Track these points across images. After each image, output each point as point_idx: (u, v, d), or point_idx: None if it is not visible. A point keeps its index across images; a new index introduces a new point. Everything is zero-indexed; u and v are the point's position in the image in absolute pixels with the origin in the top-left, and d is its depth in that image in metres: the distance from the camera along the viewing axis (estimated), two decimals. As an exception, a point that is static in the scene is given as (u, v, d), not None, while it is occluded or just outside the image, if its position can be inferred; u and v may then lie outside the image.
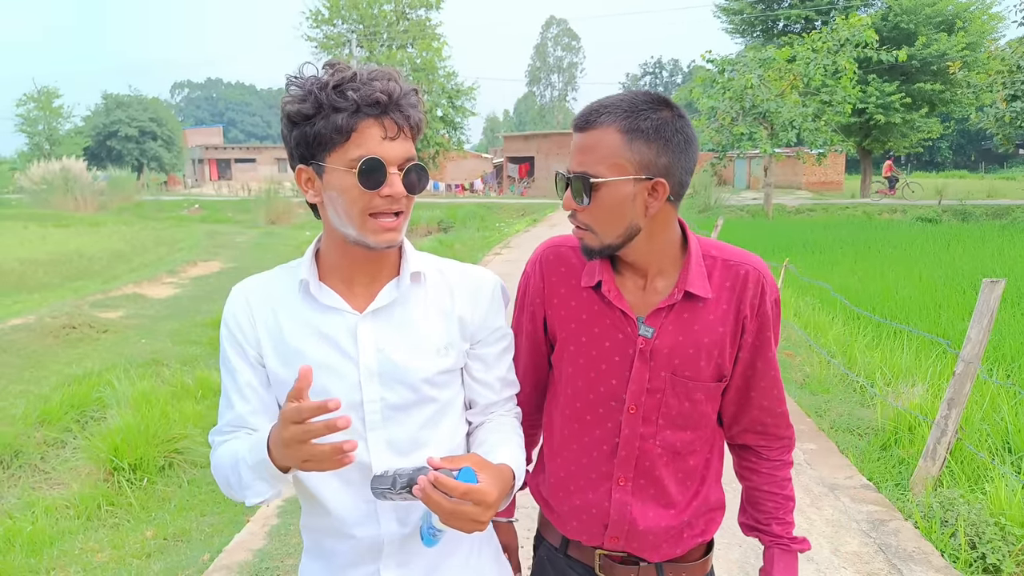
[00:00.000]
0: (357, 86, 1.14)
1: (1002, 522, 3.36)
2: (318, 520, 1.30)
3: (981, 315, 3.73)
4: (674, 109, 1.25)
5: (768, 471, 1.46)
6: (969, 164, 67.04)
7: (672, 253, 1.34)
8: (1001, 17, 27.73)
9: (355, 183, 1.15)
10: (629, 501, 1.37)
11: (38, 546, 3.69)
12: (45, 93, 51.54)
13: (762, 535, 1.47)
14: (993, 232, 15.12)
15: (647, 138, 1.21)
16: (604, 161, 1.22)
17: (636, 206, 1.24)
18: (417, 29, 38.76)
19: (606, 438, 1.37)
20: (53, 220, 23.43)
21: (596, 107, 1.25)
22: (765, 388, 1.40)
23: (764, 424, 1.44)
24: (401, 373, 1.25)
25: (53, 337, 7.80)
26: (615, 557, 1.42)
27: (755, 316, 1.34)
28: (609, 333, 1.34)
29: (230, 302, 1.30)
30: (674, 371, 1.32)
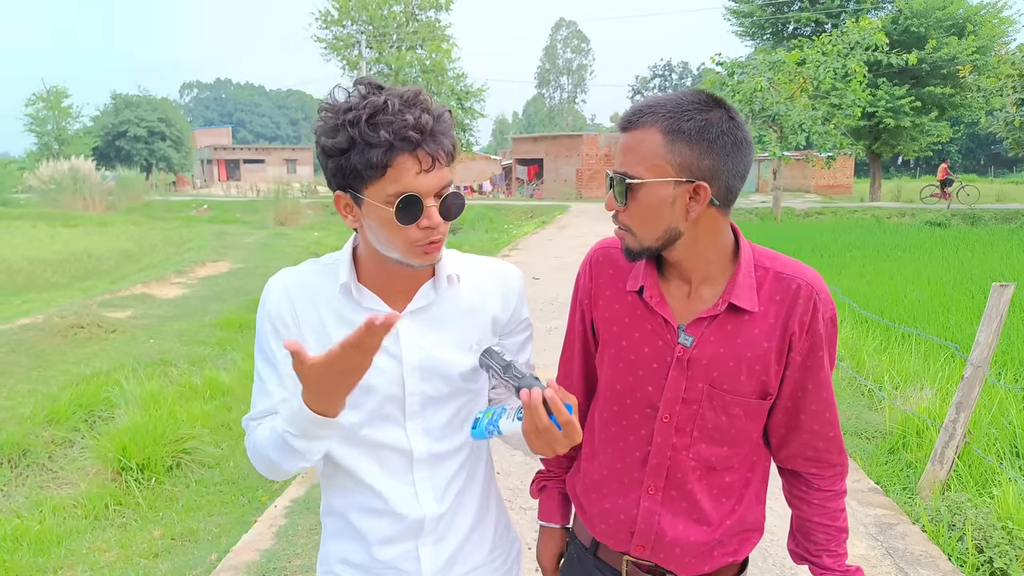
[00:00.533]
0: (390, 119, 1.13)
1: (1009, 526, 3.35)
2: (356, 499, 1.35)
3: (990, 319, 3.71)
4: (724, 109, 1.21)
5: (820, 502, 1.39)
6: (978, 168, 66.71)
7: (721, 261, 1.29)
8: (1012, 21, 27.58)
9: (392, 219, 1.17)
10: (658, 511, 1.35)
11: (46, 545, 3.71)
12: (54, 93, 51.84)
13: (812, 566, 1.41)
14: (1002, 236, 15.05)
15: (689, 139, 1.17)
16: (644, 162, 1.20)
17: (676, 209, 1.21)
18: (426, 30, 38.85)
19: (639, 445, 1.36)
20: (62, 220, 23.57)
21: (641, 106, 1.23)
22: (816, 411, 1.34)
23: (815, 449, 1.37)
24: (440, 368, 1.31)
25: (61, 336, 7.84)
26: (642, 566, 1.40)
27: (805, 334, 1.28)
28: (649, 339, 1.32)
29: (272, 295, 1.32)
30: (712, 383, 1.29)
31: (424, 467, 1.34)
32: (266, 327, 1.31)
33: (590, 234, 17.41)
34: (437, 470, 1.35)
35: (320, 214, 29.17)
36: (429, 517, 1.33)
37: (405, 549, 1.35)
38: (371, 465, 1.32)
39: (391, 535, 1.34)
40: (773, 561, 3.23)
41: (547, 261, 13.08)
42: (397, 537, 1.34)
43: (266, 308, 1.32)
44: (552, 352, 5.45)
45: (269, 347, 1.32)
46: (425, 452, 1.33)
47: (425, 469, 1.34)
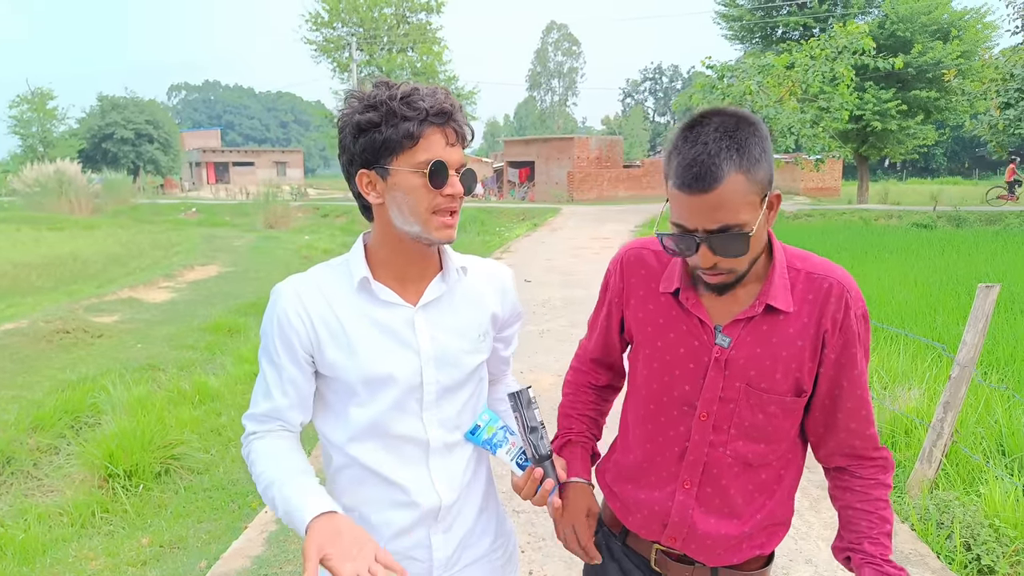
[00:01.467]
0: (423, 97, 1.28)
1: (996, 524, 3.38)
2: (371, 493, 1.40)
3: (976, 319, 3.74)
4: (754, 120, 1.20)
5: (861, 488, 1.39)
6: (963, 171, 67.28)
7: (758, 262, 1.31)
8: (995, 26, 27.85)
9: (422, 183, 1.29)
10: (692, 505, 1.39)
11: (31, 554, 3.66)
12: (39, 94, 51.40)
13: (854, 554, 1.38)
14: (986, 238, 15.18)
15: (758, 162, 1.18)
16: (744, 209, 1.17)
17: (765, 229, 1.25)
18: (418, 33, 38.78)
19: (676, 441, 1.39)
20: (47, 223, 23.35)
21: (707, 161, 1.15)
22: (852, 409, 1.35)
23: (853, 447, 1.39)
24: (452, 357, 1.41)
25: (47, 341, 7.76)
26: (672, 555, 1.44)
27: (838, 331, 1.30)
28: (685, 339, 1.35)
29: (281, 300, 1.37)
30: (749, 382, 1.31)
31: (439, 456, 1.42)
32: (273, 331, 1.37)
33: (582, 237, 17.43)
34: (450, 459, 1.43)
35: (310, 217, 29.05)
36: (444, 505, 1.41)
37: (419, 538, 1.42)
38: (388, 457, 1.38)
39: (407, 525, 1.40)
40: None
41: (539, 263, 13.09)
42: (412, 527, 1.41)
43: (275, 313, 1.37)
44: (545, 354, 5.52)
45: (275, 349, 1.37)
46: (440, 442, 1.41)
47: (440, 458, 1.42)
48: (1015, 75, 19.50)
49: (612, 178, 36.23)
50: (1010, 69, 19.71)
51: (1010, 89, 19.80)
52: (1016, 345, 6.20)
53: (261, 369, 1.40)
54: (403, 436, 1.38)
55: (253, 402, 1.41)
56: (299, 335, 1.35)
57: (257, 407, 1.40)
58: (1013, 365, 5.78)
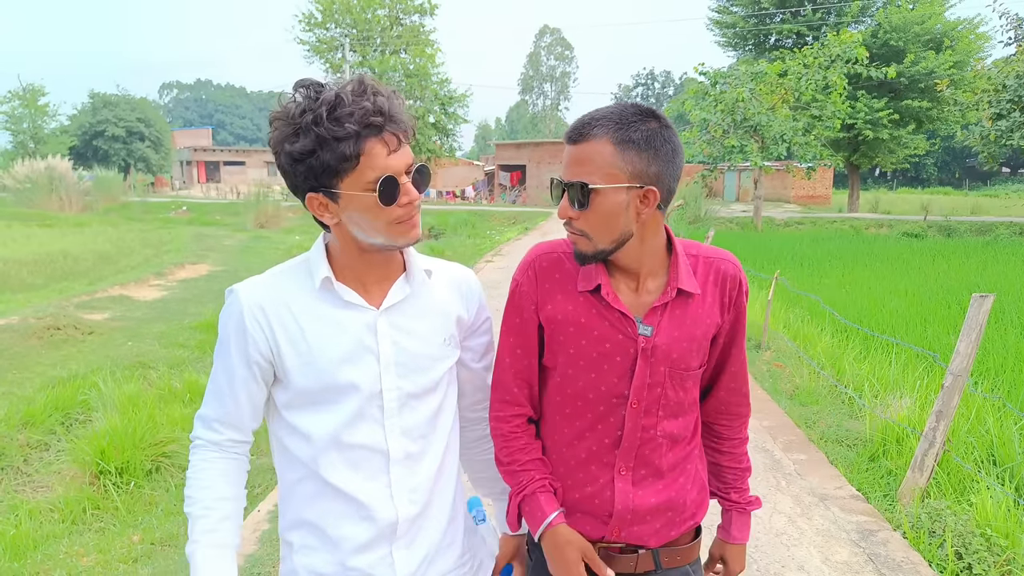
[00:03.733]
0: (350, 110, 1.17)
1: (988, 533, 3.40)
2: (328, 506, 1.34)
3: (970, 329, 3.76)
4: (661, 120, 1.31)
5: (729, 449, 1.59)
6: (953, 181, 67.83)
7: (660, 255, 1.41)
8: (988, 37, 28.15)
9: (375, 202, 1.22)
10: (629, 489, 1.43)
11: (22, 550, 3.63)
12: (30, 91, 51.06)
13: (722, 500, 1.62)
14: (977, 248, 15.31)
15: (638, 148, 1.28)
16: (599, 171, 1.29)
17: (629, 213, 1.31)
18: (411, 35, 38.78)
19: (608, 432, 1.42)
20: (37, 220, 23.20)
21: (588, 119, 1.31)
22: (735, 372, 1.54)
23: (728, 404, 1.56)
24: (415, 363, 1.35)
25: (37, 338, 7.70)
26: (614, 549, 1.45)
27: (732, 307, 1.45)
28: (609, 334, 1.39)
29: (237, 303, 1.31)
30: (671, 365, 1.40)
31: (400, 467, 1.34)
32: (229, 335, 1.31)
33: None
34: (412, 471, 1.36)
35: (300, 217, 28.94)
36: (402, 519, 1.34)
37: (380, 555, 1.34)
38: (346, 469, 1.32)
39: (366, 541, 1.33)
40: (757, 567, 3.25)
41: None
42: (372, 542, 1.34)
43: (230, 317, 1.32)
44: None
45: (229, 355, 1.32)
46: (402, 452, 1.34)
47: (401, 469, 1.34)
48: (1007, 86, 19.67)
49: (605, 183, 36.29)
50: (1002, 80, 19.87)
51: (1002, 100, 19.96)
52: (1006, 355, 6.25)
53: (215, 370, 1.35)
54: (362, 445, 1.31)
55: (205, 401, 1.36)
56: (256, 342, 1.29)
57: (208, 408, 1.35)
58: (1003, 375, 5.82)
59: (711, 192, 35.05)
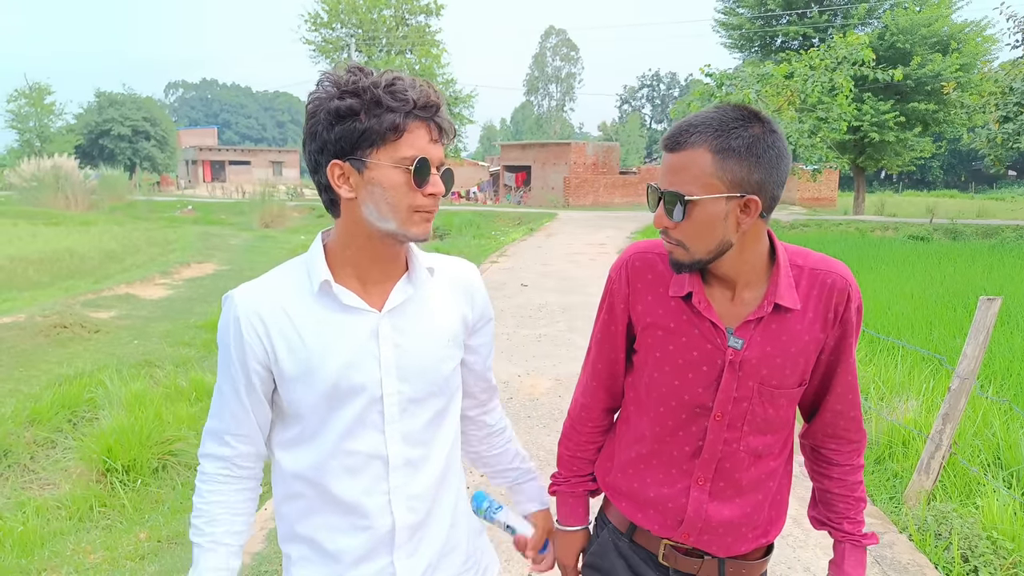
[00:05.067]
0: (407, 88, 1.19)
1: (994, 536, 3.39)
2: (326, 518, 1.31)
3: (977, 332, 3.75)
4: (765, 123, 1.25)
5: (840, 476, 1.49)
6: (959, 184, 67.63)
7: (761, 265, 1.35)
8: (995, 39, 28.01)
9: (404, 180, 1.21)
10: (706, 500, 1.41)
11: (29, 547, 3.65)
12: (37, 89, 51.29)
13: (833, 531, 1.52)
14: (983, 251, 15.25)
15: (739, 156, 1.22)
16: (697, 181, 1.23)
17: (729, 223, 1.26)
18: (416, 35, 38.82)
19: (689, 440, 1.40)
20: (44, 218, 23.28)
21: (686, 126, 1.25)
22: (841, 393, 1.43)
23: (836, 427, 1.46)
24: (418, 366, 1.31)
25: (44, 336, 7.74)
26: (680, 549, 1.45)
27: (839, 323, 1.36)
28: (697, 343, 1.36)
29: (234, 310, 1.27)
30: (762, 381, 1.35)
31: (399, 474, 1.31)
32: (229, 345, 1.28)
33: (578, 242, 17.45)
34: (412, 478, 1.32)
35: (305, 217, 29.01)
36: (400, 527, 1.31)
37: (381, 565, 1.32)
38: (343, 476, 1.29)
39: (366, 552, 1.31)
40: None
41: (535, 268, 13.09)
42: (372, 553, 1.31)
43: (228, 326, 1.27)
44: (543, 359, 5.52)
45: (231, 365, 1.28)
46: (401, 458, 1.31)
47: (400, 476, 1.31)
48: (1014, 89, 19.62)
49: (608, 184, 36.31)
50: (1009, 83, 19.83)
51: (1009, 103, 19.91)
52: (1012, 358, 6.23)
53: (220, 382, 1.32)
54: (361, 452, 1.28)
55: (212, 415, 1.33)
56: (254, 351, 1.26)
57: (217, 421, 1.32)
58: (1010, 378, 5.81)
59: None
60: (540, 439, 4.77)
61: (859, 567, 1.48)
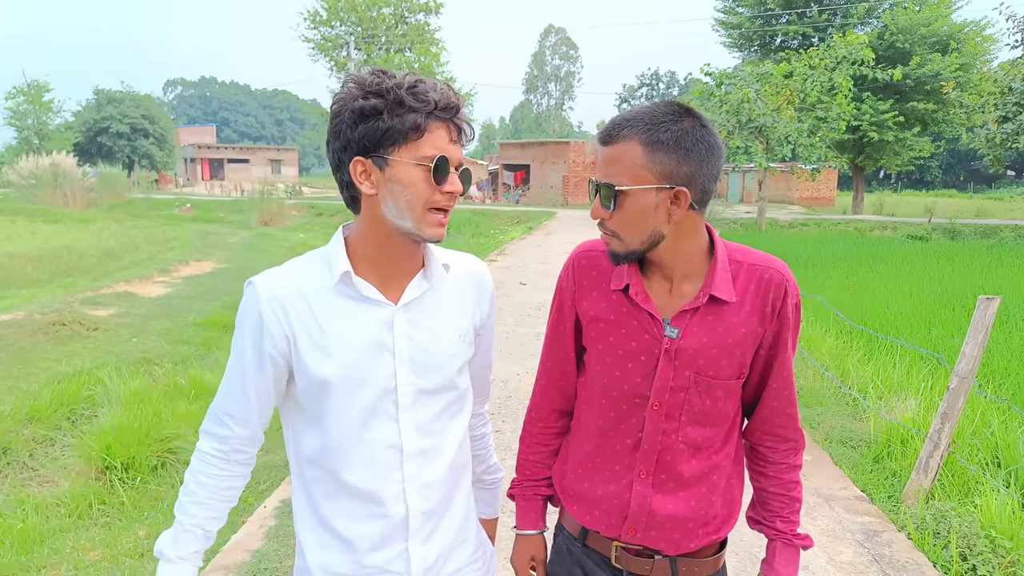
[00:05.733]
0: (429, 89, 1.25)
1: (992, 535, 3.40)
2: (343, 506, 1.35)
3: (976, 331, 3.76)
4: (696, 118, 1.29)
5: (775, 474, 1.51)
6: (958, 184, 67.70)
7: (698, 258, 1.38)
8: (994, 39, 28.05)
9: (423, 178, 1.25)
10: (649, 493, 1.43)
11: (29, 544, 3.64)
12: (35, 87, 51.27)
13: (766, 529, 1.54)
14: (981, 251, 15.27)
15: (668, 149, 1.26)
16: (627, 172, 1.28)
17: (659, 214, 1.30)
18: (416, 33, 38.82)
19: (630, 433, 1.43)
20: (42, 215, 23.25)
21: (619, 121, 1.31)
22: (777, 389, 1.45)
23: (772, 424, 1.49)
24: (431, 359, 1.35)
25: (42, 334, 7.73)
26: (631, 550, 1.46)
27: (776, 318, 1.39)
28: (636, 334, 1.39)
29: (255, 295, 1.31)
30: (698, 371, 1.37)
31: (413, 463, 1.35)
32: (246, 330, 1.31)
33: (577, 241, 17.35)
34: (425, 467, 1.36)
35: (305, 215, 29.01)
36: (414, 514, 1.35)
37: (396, 552, 1.35)
38: (360, 464, 1.32)
39: (381, 539, 1.34)
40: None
41: (534, 267, 13.10)
42: (387, 540, 1.35)
43: (248, 311, 1.31)
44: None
45: (246, 349, 1.32)
46: (414, 448, 1.35)
47: (414, 466, 1.35)
48: (1014, 89, 19.65)
49: (608, 183, 36.27)
50: (1008, 83, 19.86)
51: (1008, 103, 19.94)
52: (1011, 357, 6.24)
53: (230, 363, 1.35)
54: (376, 441, 1.32)
55: (218, 394, 1.38)
56: (272, 335, 1.30)
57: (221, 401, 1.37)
58: (1008, 377, 5.82)
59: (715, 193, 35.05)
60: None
61: (790, 566, 1.50)
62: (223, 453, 1.37)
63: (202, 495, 1.36)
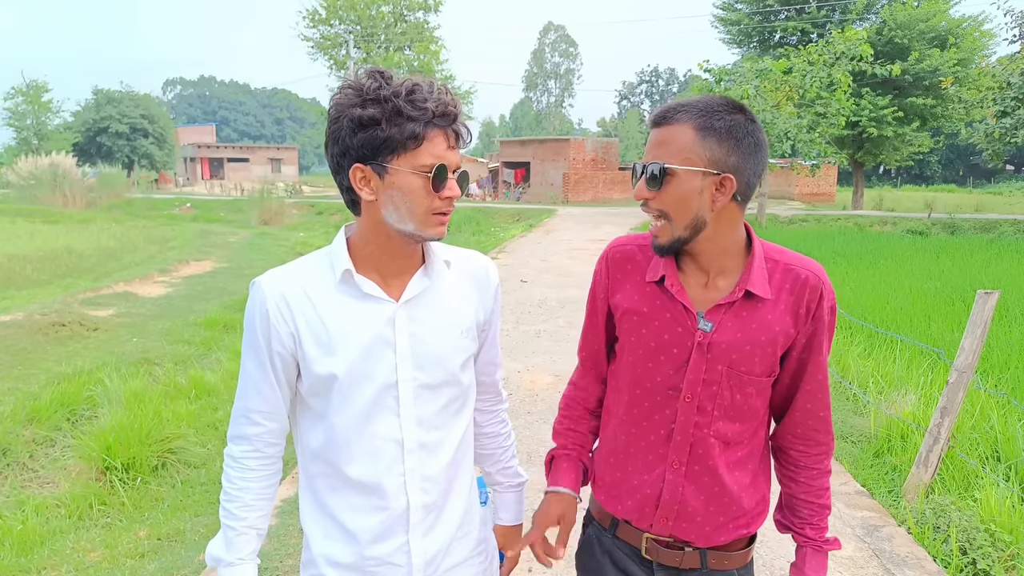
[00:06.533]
0: (426, 97, 1.25)
1: (992, 528, 3.41)
2: (346, 499, 1.38)
3: (975, 325, 3.76)
4: (747, 114, 1.32)
5: (806, 480, 1.51)
6: (957, 179, 67.67)
7: (736, 253, 1.40)
8: (992, 34, 28.00)
9: (422, 185, 1.27)
10: (681, 483, 1.44)
11: (29, 545, 3.65)
12: (34, 87, 51.21)
13: (796, 535, 1.53)
14: (981, 245, 15.26)
15: (719, 136, 1.29)
16: (677, 155, 1.31)
17: (704, 199, 1.31)
18: (415, 31, 38.78)
19: (663, 424, 1.44)
20: (42, 216, 23.26)
21: (674, 105, 1.34)
22: (811, 391, 1.45)
23: (804, 427, 1.48)
24: (432, 355, 1.38)
25: (43, 334, 7.73)
26: (662, 541, 1.48)
27: (810, 319, 1.39)
28: (669, 326, 1.41)
29: (261, 295, 1.34)
30: (730, 365, 1.38)
31: (414, 457, 1.37)
32: (255, 329, 1.34)
33: (577, 239, 17.45)
34: (427, 461, 1.39)
35: (305, 214, 29.01)
36: (415, 507, 1.38)
37: (398, 543, 1.38)
38: (362, 458, 1.35)
39: (383, 531, 1.37)
40: (762, 563, 3.25)
41: (535, 264, 13.09)
42: (388, 532, 1.38)
43: (255, 310, 1.34)
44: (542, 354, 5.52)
45: (256, 343, 1.35)
46: (416, 442, 1.37)
47: (416, 459, 1.38)
48: (1012, 83, 19.60)
49: (607, 180, 36.29)
50: (1007, 77, 19.80)
51: (1007, 97, 19.90)
52: (1011, 351, 6.24)
53: (245, 364, 1.38)
54: (378, 435, 1.35)
55: (241, 396, 1.39)
56: (278, 333, 1.33)
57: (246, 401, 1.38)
58: (1008, 371, 5.81)
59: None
60: (540, 434, 4.78)
61: (820, 570, 1.51)
62: (257, 451, 1.40)
63: (248, 499, 1.39)
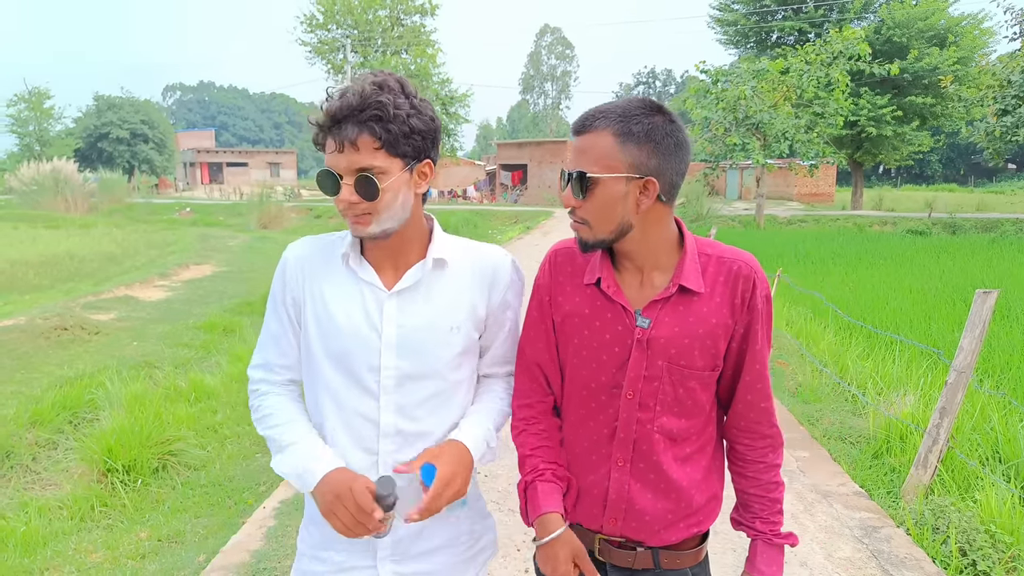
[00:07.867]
0: (331, 100, 1.30)
1: (992, 530, 3.40)
2: None
3: (974, 325, 3.77)
4: (666, 115, 1.33)
5: (754, 475, 1.51)
6: (958, 178, 67.63)
7: (667, 250, 1.42)
8: (992, 32, 28.04)
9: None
10: (627, 481, 1.45)
11: (31, 546, 3.66)
12: (36, 94, 51.29)
13: (747, 530, 1.53)
14: (982, 245, 15.27)
15: (638, 141, 1.31)
16: (598, 162, 1.32)
17: (628, 203, 1.34)
18: (412, 35, 38.84)
19: (606, 422, 1.45)
20: (43, 221, 23.27)
21: (592, 112, 1.35)
22: (749, 382, 1.46)
23: (747, 419, 1.49)
24: (417, 346, 1.41)
25: (44, 338, 7.74)
26: (613, 542, 1.48)
27: (745, 309, 1.41)
28: (609, 326, 1.43)
29: (286, 255, 1.47)
30: (670, 360, 1.40)
31: (389, 442, 1.41)
32: (277, 284, 1.48)
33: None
34: (403, 448, 1.41)
35: (303, 218, 29.03)
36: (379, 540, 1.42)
37: None
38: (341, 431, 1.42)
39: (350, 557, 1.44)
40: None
41: (532, 266, 13.06)
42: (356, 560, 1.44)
43: (281, 265, 1.47)
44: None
45: (276, 300, 1.47)
46: (392, 427, 1.41)
47: (390, 444, 1.41)
48: (1012, 81, 19.63)
49: (608, 182, 36.26)
50: (1007, 75, 19.84)
51: (1007, 96, 19.93)
52: (1012, 352, 6.25)
53: (267, 319, 1.50)
54: (356, 412, 1.41)
55: (260, 349, 1.51)
56: (292, 290, 1.45)
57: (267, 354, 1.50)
58: (1008, 372, 5.82)
59: (713, 190, 35.02)
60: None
61: (772, 564, 1.47)
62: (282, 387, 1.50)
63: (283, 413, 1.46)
